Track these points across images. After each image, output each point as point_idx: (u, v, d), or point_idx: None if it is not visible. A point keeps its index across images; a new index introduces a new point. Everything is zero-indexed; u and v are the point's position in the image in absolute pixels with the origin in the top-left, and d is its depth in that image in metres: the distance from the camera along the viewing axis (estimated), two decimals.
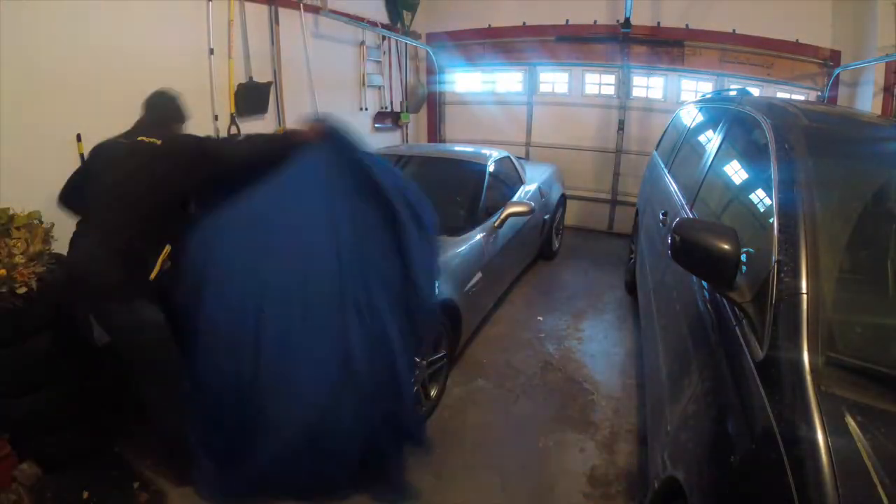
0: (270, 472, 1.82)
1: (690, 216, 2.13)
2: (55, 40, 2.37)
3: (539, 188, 4.15)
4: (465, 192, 3.32)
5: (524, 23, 5.48)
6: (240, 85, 3.48)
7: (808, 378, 1.00)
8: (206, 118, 3.33)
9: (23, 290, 1.78)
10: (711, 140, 2.44)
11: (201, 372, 1.83)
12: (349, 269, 1.85)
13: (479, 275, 2.88)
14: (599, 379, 2.87)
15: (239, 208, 1.93)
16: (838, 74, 4.45)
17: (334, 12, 4.18)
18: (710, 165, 2.22)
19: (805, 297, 1.12)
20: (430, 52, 5.94)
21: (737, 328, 1.28)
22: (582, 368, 2.98)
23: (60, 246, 2.17)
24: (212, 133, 3.37)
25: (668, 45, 5.01)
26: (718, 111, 2.61)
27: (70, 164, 2.49)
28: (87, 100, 2.55)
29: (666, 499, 1.30)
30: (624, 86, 5.26)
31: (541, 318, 3.59)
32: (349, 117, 4.95)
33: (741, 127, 2.13)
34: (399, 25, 5.50)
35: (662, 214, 2.60)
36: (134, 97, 2.77)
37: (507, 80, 5.96)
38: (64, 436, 2.02)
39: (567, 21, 5.27)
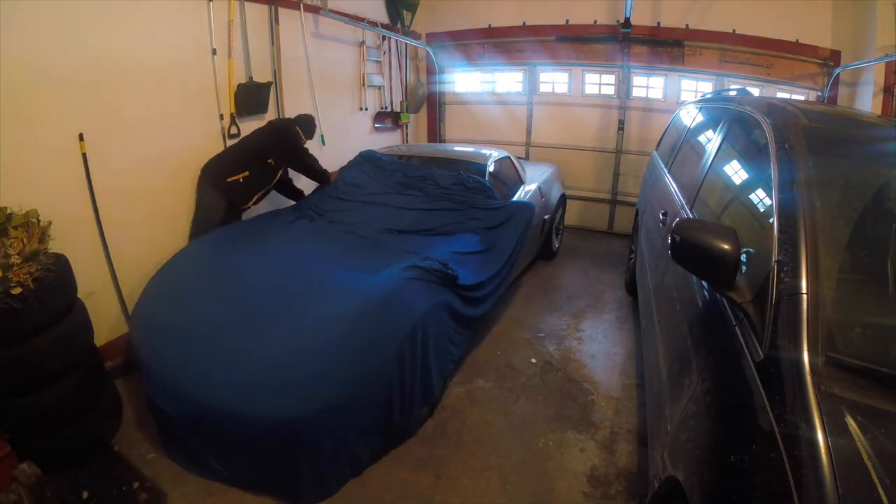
0: None
1: (690, 216, 2.13)
2: (56, 40, 2.37)
3: (539, 188, 4.15)
4: None
5: (524, 23, 5.48)
6: (240, 85, 3.48)
7: (808, 378, 1.00)
8: (212, 117, 3.35)
9: (17, 290, 1.77)
10: (711, 140, 2.44)
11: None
12: None
13: None
14: (599, 379, 2.87)
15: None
16: (838, 74, 4.45)
17: (334, 12, 4.18)
18: (710, 165, 2.21)
19: (805, 297, 1.12)
20: (430, 52, 5.94)
21: (737, 328, 1.28)
22: (582, 368, 2.98)
23: (58, 245, 2.17)
24: (218, 132, 3.40)
25: (668, 45, 5.01)
26: (718, 111, 2.61)
27: (72, 164, 2.51)
28: (90, 99, 2.55)
29: (666, 499, 1.30)
30: (624, 86, 5.26)
31: (541, 318, 3.59)
32: (349, 117, 4.96)
33: (741, 127, 2.13)
34: (399, 25, 5.50)
35: (662, 214, 2.60)
36: (136, 97, 2.80)
37: (507, 80, 5.96)
38: (64, 436, 2.02)
39: (567, 21, 5.27)
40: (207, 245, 2.87)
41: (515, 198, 3.76)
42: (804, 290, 1.13)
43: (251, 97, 3.59)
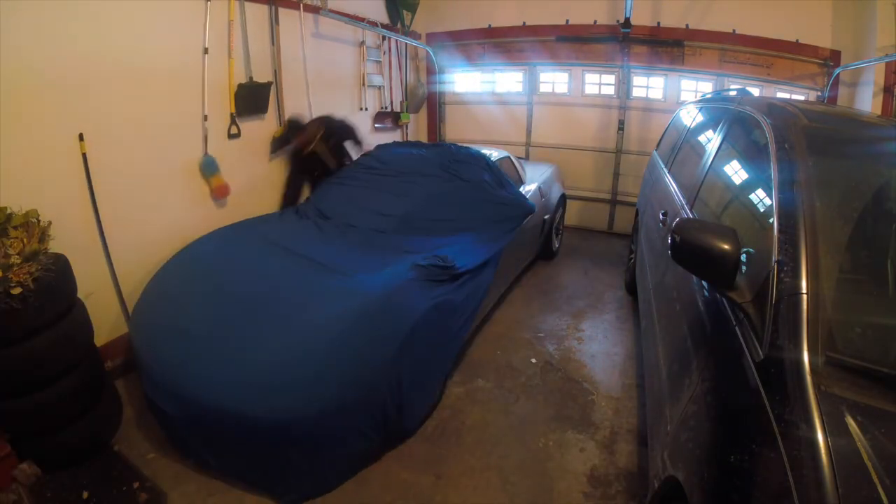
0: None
1: (690, 216, 2.13)
2: (56, 40, 2.36)
3: (539, 188, 4.15)
4: None
5: (524, 23, 5.48)
6: (240, 85, 3.48)
7: (808, 378, 1.00)
8: (214, 116, 3.33)
9: (17, 290, 1.77)
10: (711, 140, 2.44)
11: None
12: None
13: None
14: (599, 379, 2.87)
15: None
16: (838, 74, 4.44)
17: (334, 12, 4.18)
18: (710, 165, 2.21)
19: (805, 297, 1.12)
20: (430, 52, 5.94)
21: (737, 328, 1.28)
22: (582, 368, 2.98)
23: (58, 245, 2.17)
24: (200, 133, 3.32)
25: (668, 45, 5.01)
26: (718, 111, 2.61)
27: (72, 164, 2.51)
28: (90, 99, 2.55)
29: (666, 499, 1.30)
30: (624, 86, 5.26)
31: (541, 318, 3.59)
32: (349, 117, 4.96)
33: (741, 127, 2.13)
34: (399, 25, 5.50)
35: (662, 214, 2.60)
36: (137, 97, 2.79)
37: (507, 80, 5.95)
38: (64, 436, 2.02)
39: (567, 21, 5.27)
40: (207, 245, 2.87)
41: None
42: (804, 290, 1.13)
43: (251, 97, 3.59)
